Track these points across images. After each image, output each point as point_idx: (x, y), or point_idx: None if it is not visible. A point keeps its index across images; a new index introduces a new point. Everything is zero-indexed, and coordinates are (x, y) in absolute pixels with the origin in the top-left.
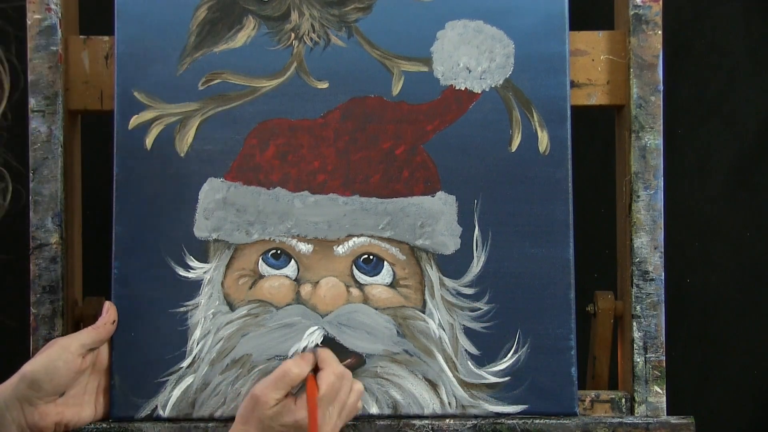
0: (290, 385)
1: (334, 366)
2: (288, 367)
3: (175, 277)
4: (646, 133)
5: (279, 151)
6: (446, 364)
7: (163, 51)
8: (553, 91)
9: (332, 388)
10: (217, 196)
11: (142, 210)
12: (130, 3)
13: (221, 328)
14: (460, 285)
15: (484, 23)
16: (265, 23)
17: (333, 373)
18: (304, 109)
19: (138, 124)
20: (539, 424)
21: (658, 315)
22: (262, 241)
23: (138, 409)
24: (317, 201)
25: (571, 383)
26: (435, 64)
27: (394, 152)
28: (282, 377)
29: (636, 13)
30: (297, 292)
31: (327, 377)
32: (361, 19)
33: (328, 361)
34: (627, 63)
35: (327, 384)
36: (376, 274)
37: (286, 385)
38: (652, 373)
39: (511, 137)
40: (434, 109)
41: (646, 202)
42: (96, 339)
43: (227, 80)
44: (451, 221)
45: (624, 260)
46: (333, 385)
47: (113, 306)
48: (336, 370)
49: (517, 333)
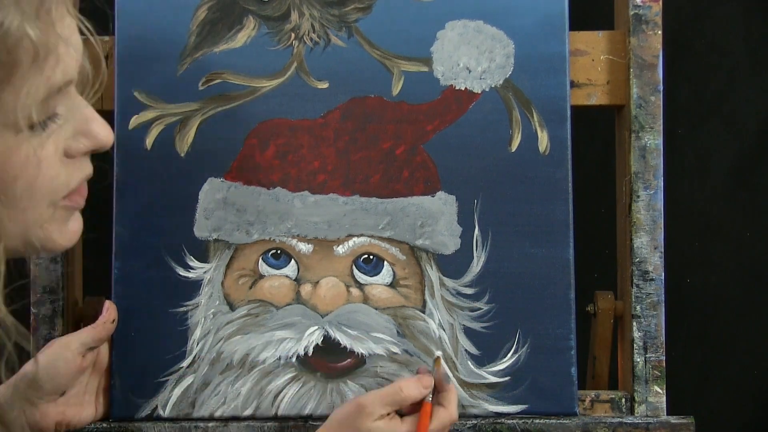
0: (399, 404)
1: (453, 409)
2: (403, 386)
3: (175, 277)
4: (646, 133)
5: (279, 151)
6: (446, 364)
7: (163, 51)
8: (553, 91)
9: (443, 430)
10: (217, 196)
11: (142, 210)
12: (130, 3)
13: (221, 328)
14: (460, 285)
15: (484, 23)
16: (265, 23)
17: (449, 417)
18: (304, 109)
19: (138, 124)
20: (539, 424)
21: (658, 315)
22: (262, 241)
23: (138, 409)
24: (317, 201)
25: (571, 383)
26: (435, 64)
27: (394, 152)
28: (394, 394)
29: (636, 13)
30: (297, 292)
31: (443, 418)
32: (361, 19)
33: (451, 401)
34: (627, 63)
35: (441, 424)
36: (376, 274)
37: (395, 402)
38: (652, 373)
39: (511, 137)
40: (434, 109)
41: (646, 202)
42: (96, 338)
43: (227, 80)
44: (451, 221)
45: (624, 260)
46: (445, 427)
47: (113, 305)
48: (453, 415)
49: (517, 333)
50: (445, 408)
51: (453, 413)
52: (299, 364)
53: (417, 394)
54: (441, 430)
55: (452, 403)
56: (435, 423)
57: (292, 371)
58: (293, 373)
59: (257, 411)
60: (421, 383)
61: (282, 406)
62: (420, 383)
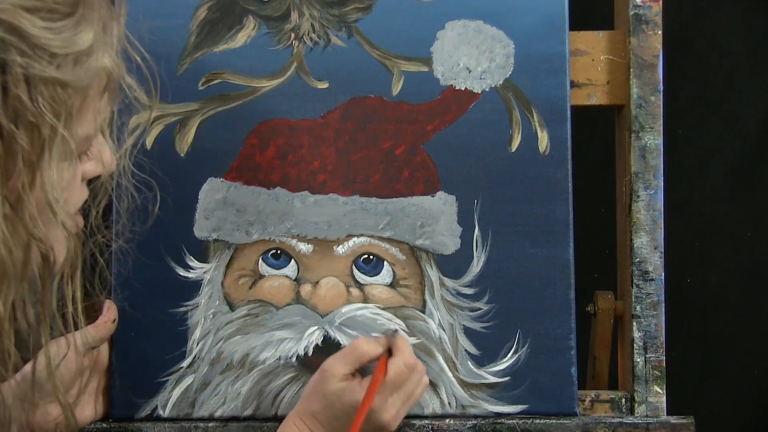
0: (358, 361)
1: (406, 355)
2: (358, 343)
3: (175, 277)
4: (646, 133)
5: (279, 151)
6: (446, 364)
7: (163, 51)
8: (553, 91)
9: (400, 377)
10: (217, 196)
11: (143, 210)
12: (130, 3)
13: (221, 328)
14: (460, 285)
15: (484, 23)
16: (265, 23)
17: (404, 362)
18: (304, 109)
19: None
20: (539, 424)
21: (658, 315)
22: (262, 241)
23: (138, 409)
24: (317, 201)
25: (571, 383)
26: (435, 64)
27: (394, 152)
28: (350, 352)
29: (636, 13)
30: (297, 292)
31: (397, 364)
32: (361, 19)
33: (402, 349)
34: (627, 63)
35: (396, 371)
36: (376, 274)
37: (354, 360)
38: (652, 373)
39: (511, 137)
40: (434, 109)
41: (646, 202)
42: (96, 337)
43: (227, 80)
44: (451, 221)
45: (624, 260)
46: (401, 373)
47: (113, 305)
48: (408, 360)
49: (517, 333)
50: (396, 356)
51: (407, 358)
52: (299, 364)
53: (372, 350)
54: (399, 376)
55: (401, 348)
56: (391, 373)
57: (292, 371)
58: (293, 374)
59: (257, 411)
60: (377, 340)
61: (282, 406)
62: (376, 340)
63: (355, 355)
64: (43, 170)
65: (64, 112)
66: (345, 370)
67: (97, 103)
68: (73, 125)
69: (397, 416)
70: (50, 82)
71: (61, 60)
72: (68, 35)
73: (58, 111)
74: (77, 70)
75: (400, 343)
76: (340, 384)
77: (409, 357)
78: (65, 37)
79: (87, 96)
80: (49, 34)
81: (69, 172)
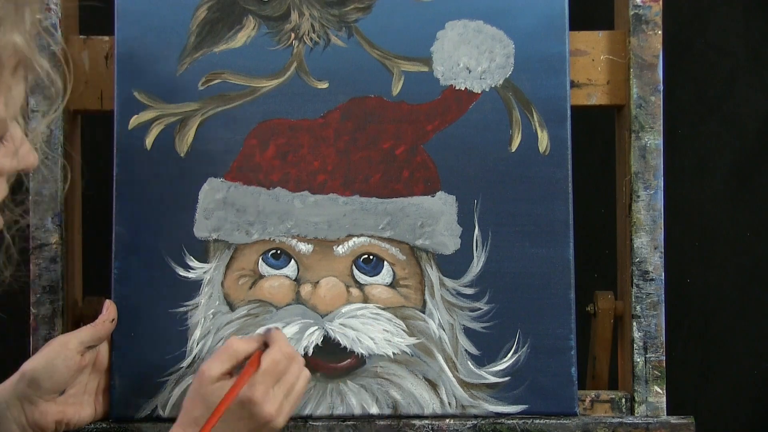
0: (234, 358)
1: (282, 345)
2: (232, 341)
3: (175, 277)
4: (646, 133)
5: (279, 151)
6: (446, 364)
7: (163, 51)
8: (553, 91)
9: (276, 366)
10: (217, 196)
11: (142, 210)
12: (130, 3)
13: (221, 328)
14: (460, 285)
15: (484, 23)
16: (265, 23)
17: (280, 351)
18: (304, 109)
19: (138, 124)
20: (539, 424)
21: (658, 315)
22: (262, 241)
23: (138, 409)
24: (317, 201)
25: (571, 383)
26: (435, 64)
27: (394, 152)
28: (225, 350)
29: (636, 13)
30: (297, 292)
31: (272, 354)
32: (361, 19)
33: (277, 340)
34: (627, 63)
35: (271, 360)
36: (376, 274)
37: (229, 358)
38: (652, 373)
39: (511, 137)
40: (434, 109)
41: (646, 202)
42: (95, 336)
43: (227, 80)
44: (451, 221)
45: (624, 260)
46: (278, 362)
47: (113, 304)
48: (284, 349)
49: (517, 333)
50: (271, 347)
51: (284, 348)
52: None
53: (247, 346)
54: (275, 365)
55: (276, 340)
56: (265, 362)
57: None
58: None
59: None
60: (251, 337)
61: None
62: (250, 338)
63: (230, 352)
64: None
65: None
66: (221, 370)
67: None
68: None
69: (281, 410)
70: None
71: None
72: None
73: None
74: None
75: (275, 335)
76: (216, 384)
77: (285, 346)
78: None
79: None
80: None
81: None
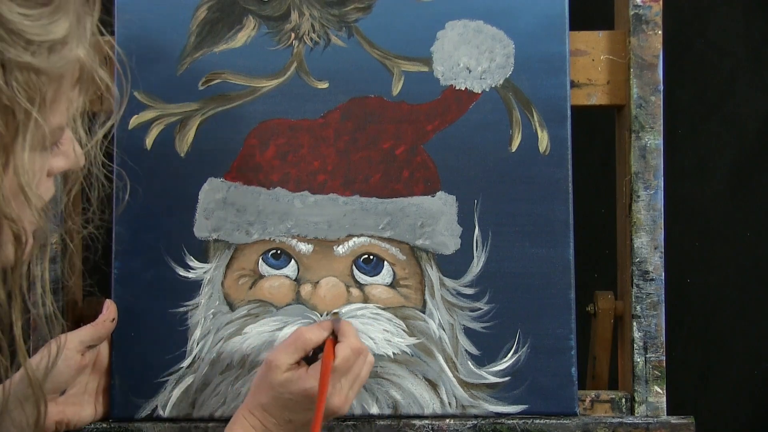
0: (303, 349)
1: (352, 340)
2: (302, 332)
3: (175, 277)
4: (646, 133)
5: (279, 151)
6: (446, 364)
7: (163, 51)
8: (553, 91)
9: (347, 362)
10: (217, 196)
11: (142, 210)
12: (130, 3)
13: (221, 328)
14: (460, 285)
15: (484, 23)
16: (265, 23)
17: (350, 347)
18: (304, 109)
19: (138, 124)
20: (539, 424)
21: (658, 315)
22: (262, 241)
23: (138, 409)
24: (317, 201)
25: (571, 383)
26: (435, 64)
27: (394, 152)
28: (295, 341)
29: (636, 13)
30: (297, 292)
31: (344, 350)
32: (361, 19)
33: (347, 334)
34: (627, 63)
35: (343, 357)
36: (376, 274)
37: (298, 349)
38: (652, 373)
39: (511, 137)
40: (434, 109)
41: (646, 202)
42: (95, 336)
43: (227, 80)
44: (451, 221)
45: (624, 260)
46: (348, 359)
47: (113, 304)
48: (354, 344)
49: (517, 333)
50: (342, 341)
51: (353, 343)
52: None
53: (317, 336)
54: (346, 362)
55: (347, 333)
56: (338, 358)
57: None
58: None
59: None
60: (321, 326)
61: None
62: (320, 326)
63: (299, 343)
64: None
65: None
66: (290, 360)
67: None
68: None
69: (347, 399)
70: (25, 68)
71: (36, 47)
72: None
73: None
74: (52, 58)
75: (344, 328)
76: (286, 374)
77: (355, 341)
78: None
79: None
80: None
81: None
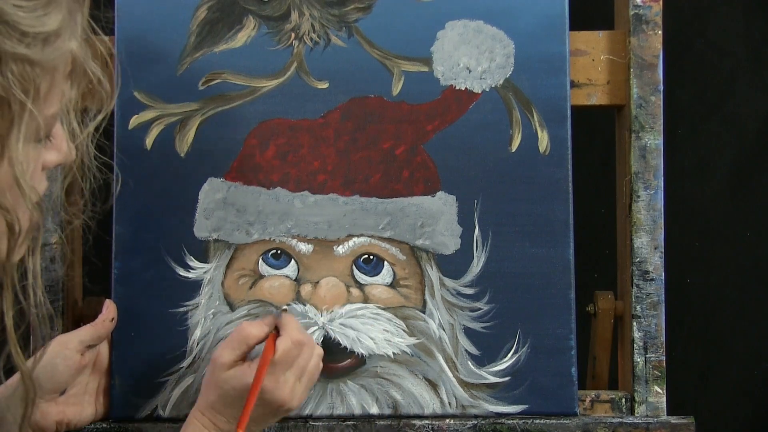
0: (246, 344)
1: (292, 332)
2: (243, 327)
3: (175, 277)
4: (646, 133)
5: (279, 151)
6: (446, 364)
7: (163, 51)
8: (553, 91)
9: (288, 355)
10: (217, 196)
11: (142, 210)
12: (130, 3)
13: (221, 328)
14: (460, 285)
15: (484, 23)
16: (265, 23)
17: (290, 340)
18: (304, 109)
19: (138, 124)
20: (539, 424)
21: (658, 315)
22: (262, 241)
23: (138, 409)
24: (317, 201)
25: (571, 383)
26: (435, 64)
27: (394, 152)
28: (237, 337)
29: (636, 13)
30: (297, 292)
31: (284, 343)
32: (361, 19)
33: (287, 327)
34: (627, 63)
35: (283, 349)
36: (376, 274)
37: (241, 344)
38: (652, 373)
39: (511, 137)
40: (434, 109)
41: (646, 202)
42: (94, 336)
43: (227, 80)
44: (451, 221)
45: (624, 260)
46: (289, 351)
47: (113, 304)
48: (295, 336)
49: (517, 333)
50: (282, 335)
51: (294, 335)
52: None
53: (258, 331)
54: (287, 354)
55: (290, 327)
56: (278, 352)
57: None
58: None
59: None
60: (263, 321)
61: None
62: (262, 321)
63: (241, 339)
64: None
65: (33, 90)
66: (233, 356)
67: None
68: (41, 105)
69: (294, 393)
70: (20, 60)
71: (31, 39)
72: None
73: (27, 88)
74: (46, 50)
75: (286, 320)
76: (230, 371)
77: (296, 333)
78: (36, 17)
79: (54, 78)
80: (20, 12)
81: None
